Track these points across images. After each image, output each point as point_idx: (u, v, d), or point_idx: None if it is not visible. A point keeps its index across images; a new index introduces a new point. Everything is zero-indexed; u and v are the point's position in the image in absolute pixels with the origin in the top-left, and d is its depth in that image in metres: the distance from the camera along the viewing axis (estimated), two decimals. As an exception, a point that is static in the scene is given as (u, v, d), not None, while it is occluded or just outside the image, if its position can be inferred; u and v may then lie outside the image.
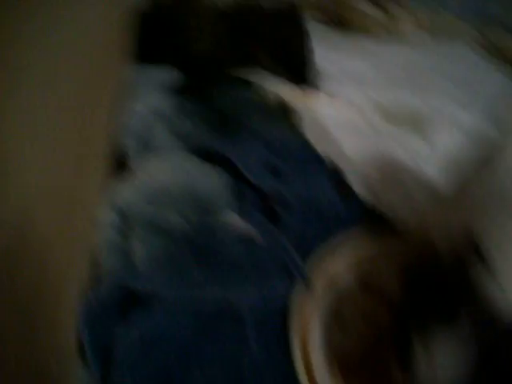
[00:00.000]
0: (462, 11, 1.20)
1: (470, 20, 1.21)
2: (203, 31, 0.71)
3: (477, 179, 0.51)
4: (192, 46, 0.71)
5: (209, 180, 0.55)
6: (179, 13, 0.72)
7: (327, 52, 0.91)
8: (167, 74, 0.71)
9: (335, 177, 0.65)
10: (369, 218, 0.61)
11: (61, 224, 0.36)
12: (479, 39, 1.17)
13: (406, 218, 0.62)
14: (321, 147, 0.68)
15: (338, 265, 0.54)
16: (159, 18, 0.72)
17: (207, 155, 0.60)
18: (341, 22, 1.12)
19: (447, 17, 1.18)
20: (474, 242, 0.42)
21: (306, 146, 0.68)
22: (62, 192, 0.36)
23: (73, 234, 0.41)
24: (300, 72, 0.86)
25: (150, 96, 0.67)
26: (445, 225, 0.49)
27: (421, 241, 0.56)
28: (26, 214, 0.28)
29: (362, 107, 0.81)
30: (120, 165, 0.61)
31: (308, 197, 0.61)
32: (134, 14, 0.71)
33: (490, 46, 1.17)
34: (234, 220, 0.54)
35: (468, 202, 0.49)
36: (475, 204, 0.47)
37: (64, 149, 0.36)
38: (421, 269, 0.49)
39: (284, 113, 0.74)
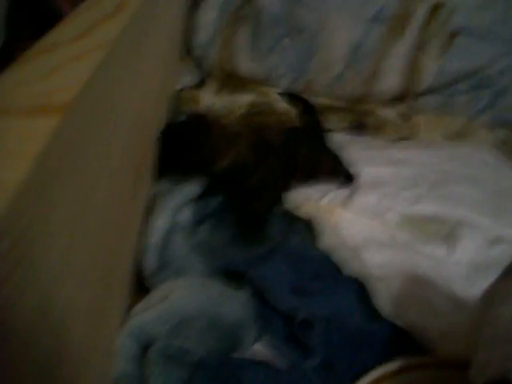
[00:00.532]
0: (472, 112, 1.23)
1: (481, 120, 1.24)
2: (222, 150, 0.73)
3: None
4: (212, 165, 0.72)
5: (232, 303, 0.53)
6: (195, 133, 0.74)
7: (352, 161, 0.93)
8: (191, 189, 0.71)
9: (360, 295, 0.63)
10: (397, 339, 0.59)
11: (85, 361, 0.36)
12: (490, 139, 1.20)
13: (434, 337, 0.60)
14: (345, 264, 0.67)
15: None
16: (176, 137, 0.74)
17: (229, 272, 0.60)
18: (360, 127, 1.15)
19: (458, 118, 1.21)
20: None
21: (331, 263, 0.67)
22: (90, 314, 0.35)
23: (93, 364, 0.40)
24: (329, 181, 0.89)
25: (172, 209, 0.67)
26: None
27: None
28: (60, 330, 0.27)
29: (385, 220, 0.81)
30: (140, 285, 0.60)
31: (333, 318, 0.59)
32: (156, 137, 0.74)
33: (502, 146, 1.19)
34: (257, 349, 0.53)
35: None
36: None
37: (95, 265, 0.36)
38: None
39: (309, 228, 0.74)
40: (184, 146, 0.72)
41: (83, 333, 0.34)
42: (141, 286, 0.60)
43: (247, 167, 0.74)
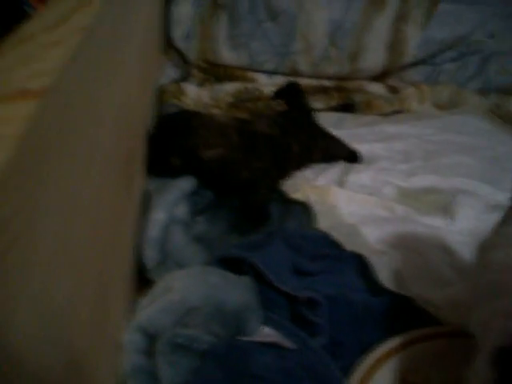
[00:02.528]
0: (461, 80, 1.23)
1: (471, 86, 1.24)
2: (211, 140, 0.74)
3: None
4: (202, 152, 0.73)
5: (235, 292, 0.54)
6: (187, 123, 0.74)
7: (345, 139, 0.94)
8: (185, 182, 0.72)
9: (363, 270, 0.64)
10: (402, 311, 0.60)
11: (90, 349, 0.36)
12: (483, 105, 1.20)
13: (440, 307, 0.60)
14: (343, 241, 0.68)
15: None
16: (168, 129, 0.75)
17: (230, 260, 0.60)
18: (349, 105, 1.16)
19: (448, 86, 1.22)
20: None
21: (330, 242, 0.68)
22: (90, 305, 0.36)
23: (100, 356, 0.41)
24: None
25: (170, 204, 0.68)
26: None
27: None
28: (62, 322, 0.27)
29: (382, 195, 0.82)
30: (142, 278, 0.61)
31: (337, 295, 0.60)
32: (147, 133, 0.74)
33: (497, 111, 1.20)
34: (263, 331, 0.53)
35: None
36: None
37: (91, 259, 0.36)
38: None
39: (306, 210, 0.75)
40: (173, 134, 0.73)
41: (88, 324, 0.34)
42: (144, 279, 0.61)
43: (238, 158, 0.75)
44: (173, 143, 0.73)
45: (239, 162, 0.75)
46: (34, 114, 0.18)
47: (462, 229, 0.77)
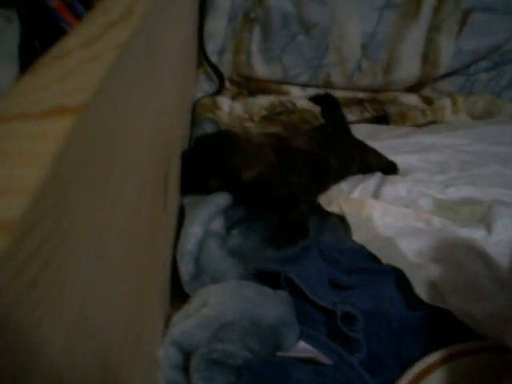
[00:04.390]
0: (495, 89, 1.21)
1: (505, 96, 1.21)
2: (249, 160, 0.73)
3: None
4: (242, 174, 0.72)
5: (271, 306, 0.52)
6: (225, 145, 0.74)
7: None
8: (221, 198, 0.72)
9: (400, 284, 0.62)
10: (442, 325, 0.58)
11: (126, 364, 0.35)
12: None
13: (480, 321, 0.58)
14: (379, 254, 0.66)
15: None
16: (206, 152, 0.74)
17: (265, 273, 0.59)
18: (383, 117, 1.14)
19: (483, 96, 1.19)
20: None
21: (367, 255, 0.66)
22: (126, 321, 0.35)
23: (136, 371, 0.40)
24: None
25: (205, 218, 0.67)
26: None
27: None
28: (99, 340, 0.27)
29: (418, 206, 0.79)
30: (177, 292, 0.61)
31: (374, 310, 0.58)
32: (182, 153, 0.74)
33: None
34: (300, 346, 0.52)
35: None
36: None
37: (128, 277, 0.36)
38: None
39: (341, 223, 0.74)
40: (211, 155, 0.73)
41: (124, 340, 0.34)
42: (179, 293, 0.60)
43: (276, 175, 0.74)
44: (212, 166, 0.72)
45: (277, 179, 0.74)
46: (70, 131, 0.17)
47: (500, 240, 0.74)
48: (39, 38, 1.29)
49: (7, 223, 0.13)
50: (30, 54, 1.20)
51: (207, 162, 0.72)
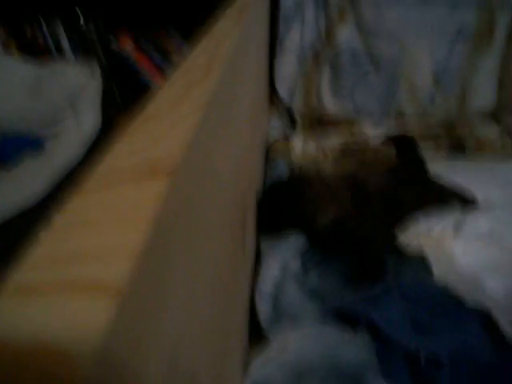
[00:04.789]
0: None
1: None
2: (323, 205, 0.73)
3: None
4: (317, 221, 0.72)
5: (352, 348, 0.52)
6: (298, 191, 0.75)
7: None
8: (297, 242, 0.72)
9: (488, 327, 0.59)
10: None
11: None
12: None
13: None
14: (464, 295, 0.63)
15: None
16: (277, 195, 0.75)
17: (345, 316, 0.58)
18: (460, 151, 1.11)
19: None
20: None
21: (451, 296, 0.64)
22: (211, 362, 0.36)
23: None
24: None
25: (283, 260, 0.68)
26: None
27: None
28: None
29: (504, 242, 0.76)
30: (255, 334, 0.61)
31: (461, 355, 0.55)
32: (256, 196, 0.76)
33: None
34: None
35: None
36: None
37: (214, 320, 0.36)
38: None
39: (422, 262, 0.72)
40: (285, 202, 0.73)
41: (207, 381, 0.34)
42: (257, 335, 0.60)
43: (351, 219, 0.73)
44: (285, 214, 0.72)
45: (353, 223, 0.73)
46: (164, 194, 0.18)
47: None
48: (119, 88, 1.36)
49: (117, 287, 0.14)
50: (111, 103, 1.27)
51: (280, 209, 0.73)
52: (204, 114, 0.25)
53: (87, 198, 0.19)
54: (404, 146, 0.97)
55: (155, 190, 0.18)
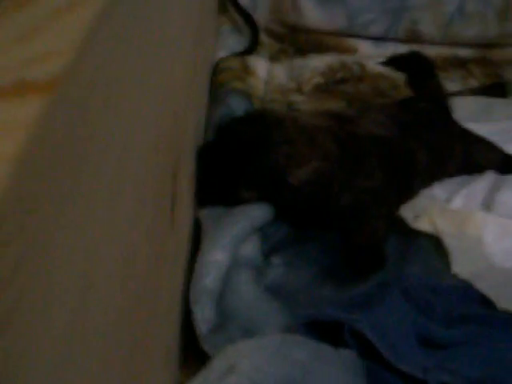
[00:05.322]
0: None
1: None
2: (298, 153, 0.73)
3: None
4: (291, 176, 0.72)
5: (330, 369, 0.52)
6: (263, 134, 0.74)
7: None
8: (257, 209, 0.72)
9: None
10: None
11: None
12: None
13: None
14: (495, 296, 0.65)
15: None
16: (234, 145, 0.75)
17: (322, 323, 0.59)
18: (497, 86, 1.13)
19: None
20: None
21: (476, 297, 0.65)
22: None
23: None
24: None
25: (233, 239, 0.68)
26: None
27: None
28: None
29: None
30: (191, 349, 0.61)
31: (486, 378, 0.57)
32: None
33: None
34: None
35: None
36: None
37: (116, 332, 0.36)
38: None
39: (436, 247, 0.73)
40: (241, 150, 0.73)
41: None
42: (194, 350, 0.61)
43: (336, 176, 0.74)
44: (243, 168, 0.72)
45: (338, 181, 0.73)
46: (38, 117, 0.18)
47: None
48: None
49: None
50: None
51: (236, 161, 0.72)
52: (106, 1, 0.24)
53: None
54: (417, 70, 0.97)
55: (21, 114, 0.18)
